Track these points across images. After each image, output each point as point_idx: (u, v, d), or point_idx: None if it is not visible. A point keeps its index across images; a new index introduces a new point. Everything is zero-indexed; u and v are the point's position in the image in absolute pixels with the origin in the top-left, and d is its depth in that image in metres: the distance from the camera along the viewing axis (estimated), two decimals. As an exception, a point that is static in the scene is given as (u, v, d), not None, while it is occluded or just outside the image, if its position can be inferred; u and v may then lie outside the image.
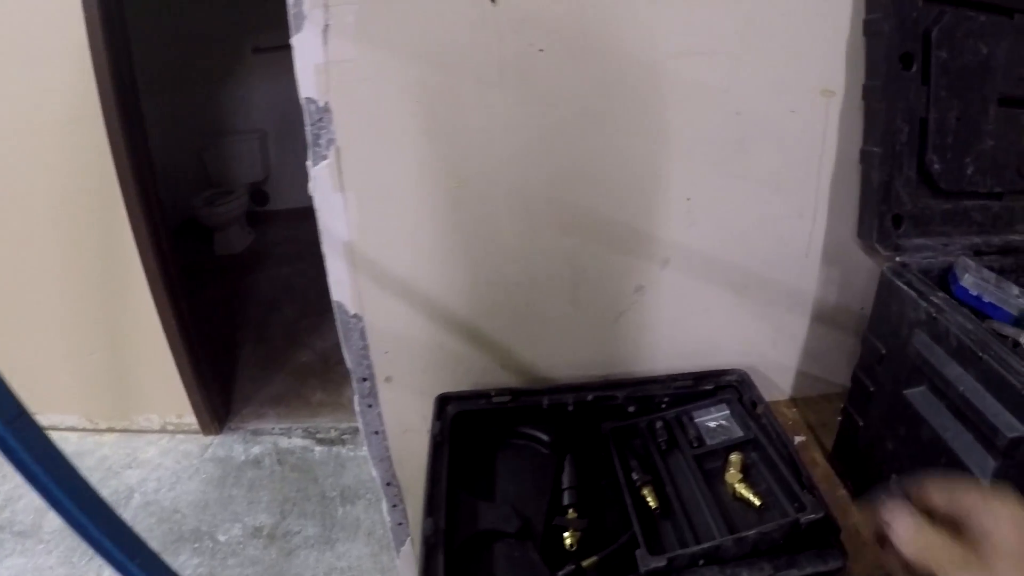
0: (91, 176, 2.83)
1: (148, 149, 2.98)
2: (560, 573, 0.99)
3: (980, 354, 0.93)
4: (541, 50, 1.13)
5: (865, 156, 1.20)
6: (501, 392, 1.28)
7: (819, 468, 1.29)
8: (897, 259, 1.18)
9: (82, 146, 2.78)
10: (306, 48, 1.11)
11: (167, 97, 5.15)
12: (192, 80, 5.43)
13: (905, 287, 1.10)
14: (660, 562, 0.92)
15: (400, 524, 1.62)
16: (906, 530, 0.67)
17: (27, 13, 2.59)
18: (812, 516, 0.96)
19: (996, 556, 0.61)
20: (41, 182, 2.89)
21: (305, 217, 4.51)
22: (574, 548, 1.03)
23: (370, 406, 1.44)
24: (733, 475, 1.10)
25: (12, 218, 2.97)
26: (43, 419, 3.44)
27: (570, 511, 1.09)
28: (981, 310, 1.11)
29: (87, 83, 2.64)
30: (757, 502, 1.05)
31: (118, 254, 2.99)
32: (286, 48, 1.09)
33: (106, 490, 3.14)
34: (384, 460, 1.51)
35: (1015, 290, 1.11)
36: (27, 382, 2.99)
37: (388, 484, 1.54)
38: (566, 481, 1.15)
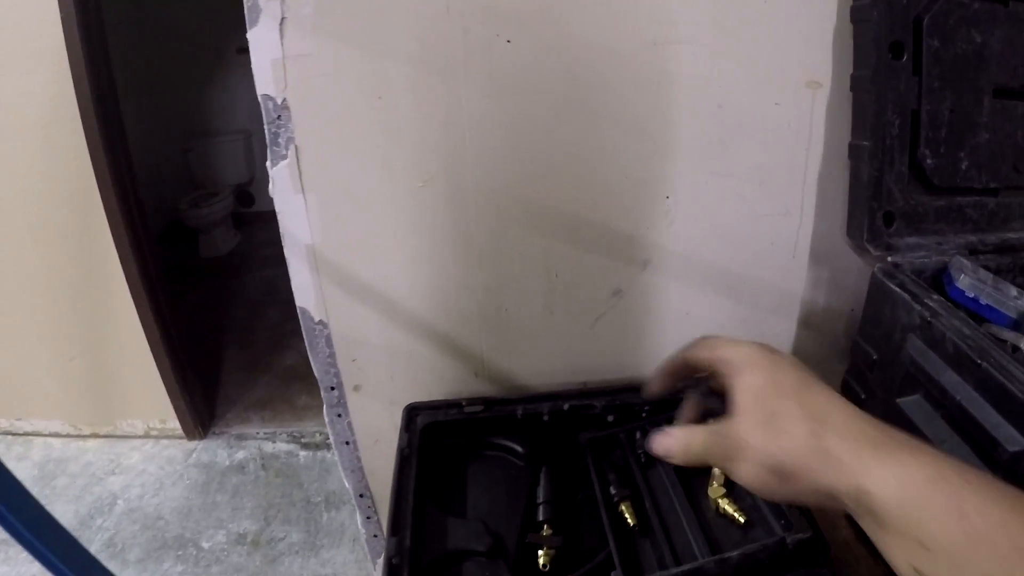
0: (69, 180, 2.79)
1: (128, 152, 2.94)
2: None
3: (979, 361, 0.89)
4: (508, 41, 1.08)
5: (854, 150, 1.16)
6: (473, 401, 1.23)
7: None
8: (889, 259, 1.14)
9: (60, 150, 2.73)
10: (262, 42, 1.06)
11: (151, 98, 5.11)
12: (176, 81, 5.38)
13: (898, 289, 1.07)
14: (636, 585, 0.87)
15: (375, 536, 1.58)
16: (665, 448, 0.69)
17: (1, 14, 2.53)
18: (800, 535, 0.91)
19: (737, 427, 0.62)
20: (18, 186, 2.84)
21: (290, 218, 4.39)
22: (548, 568, 0.98)
23: (339, 416, 1.40)
24: (716, 489, 1.04)
25: (-12, 223, 2.93)
26: (26, 425, 3.44)
27: (545, 527, 1.04)
28: (978, 312, 1.06)
29: (64, 85, 2.59)
30: (742, 519, 1.00)
31: (98, 258, 2.94)
32: None
33: (90, 497, 3.11)
34: (356, 471, 1.47)
35: (1013, 291, 1.07)
36: (9, 388, 2.98)
37: (361, 496, 1.50)
38: (541, 495, 1.10)
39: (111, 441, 3.46)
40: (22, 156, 2.76)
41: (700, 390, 0.77)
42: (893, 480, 0.52)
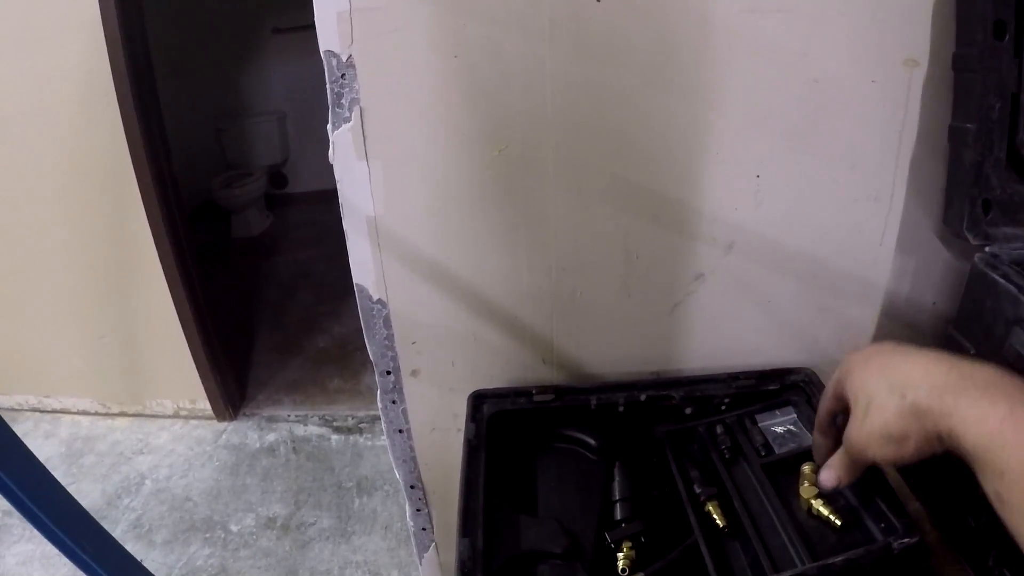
0: (104, 156, 2.78)
1: (163, 128, 2.93)
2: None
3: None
4: (598, 0, 1.01)
5: (956, 133, 1.08)
6: (543, 390, 1.17)
7: (889, 479, 1.18)
8: (986, 249, 1.07)
9: (95, 125, 2.73)
10: (327, -6, 1.00)
11: (185, 78, 5.15)
12: (211, 61, 5.41)
13: (1002, 280, 1.00)
14: (733, 592, 0.80)
15: (424, 529, 1.54)
16: (829, 480, 0.86)
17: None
18: (907, 540, 0.84)
19: (851, 431, 0.79)
20: (52, 162, 2.84)
21: (324, 200, 4.45)
22: (627, 572, 0.92)
23: (394, 402, 1.35)
24: (808, 489, 0.97)
25: (23, 199, 2.94)
26: (55, 402, 3.47)
27: (622, 527, 0.98)
28: (1075, 310, 0.99)
29: (100, 60, 2.58)
30: (838, 521, 0.92)
31: (131, 236, 2.94)
32: (306, 29, 1.01)
33: (117, 476, 3.12)
34: (408, 461, 1.43)
35: (1111, 289, 0.99)
36: (39, 365, 2.98)
37: (412, 487, 1.46)
38: (617, 492, 1.04)
39: (140, 420, 3.48)
40: (56, 131, 2.76)
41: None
42: (972, 421, 0.62)
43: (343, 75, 1.05)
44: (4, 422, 1.04)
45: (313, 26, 1.01)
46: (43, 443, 3.28)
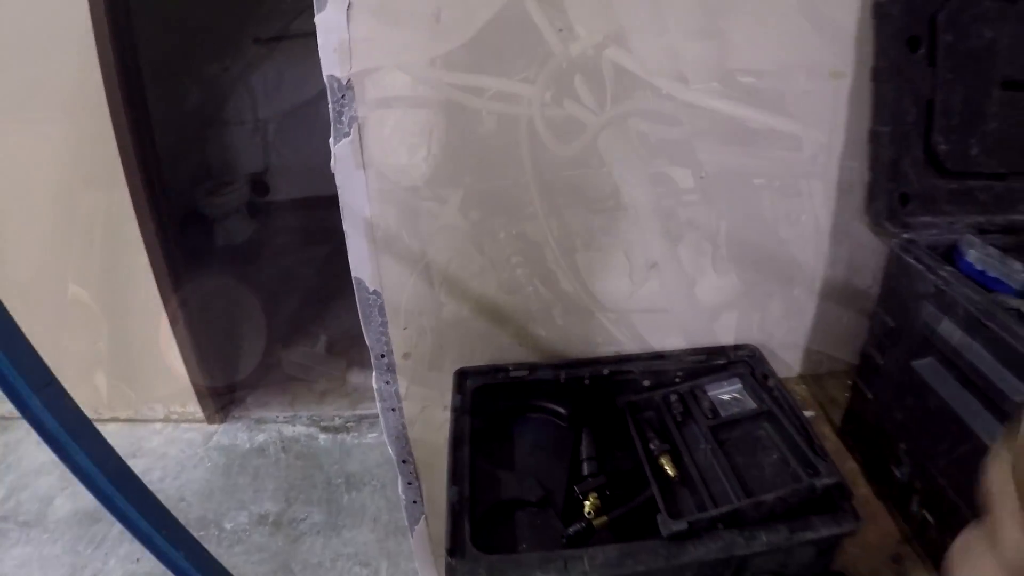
0: (95, 163, 2.78)
1: (153, 136, 2.93)
2: (571, 530, 1.02)
3: (986, 322, 0.96)
4: (560, 30, 1.15)
5: (874, 136, 1.23)
6: (519, 366, 1.31)
7: (829, 442, 1.31)
8: (904, 236, 1.20)
9: (86, 132, 2.72)
10: (330, 26, 1.12)
11: (167, 87, 5.07)
12: (192, 70, 5.32)
13: (913, 262, 1.13)
14: (681, 525, 0.94)
15: (415, 502, 1.64)
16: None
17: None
18: (827, 481, 0.99)
19: None
20: (43, 168, 2.84)
21: (306, 207, 4.42)
22: (593, 515, 1.05)
23: (387, 383, 1.45)
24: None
25: (13, 205, 2.94)
26: None
27: (589, 481, 1.11)
28: (985, 284, 1.12)
29: (91, 67, 2.59)
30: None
31: (123, 243, 2.94)
32: (286, 39, 1.11)
33: (111, 479, 3.10)
34: (400, 437, 1.53)
35: (1018, 266, 1.12)
36: None
37: (404, 462, 1.56)
38: (584, 453, 1.17)
39: (132, 425, 3.47)
40: (47, 138, 2.76)
41: None
42: None
43: (343, 96, 1.17)
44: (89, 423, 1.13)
45: (292, 36, 1.13)
46: (36, 450, 3.25)
